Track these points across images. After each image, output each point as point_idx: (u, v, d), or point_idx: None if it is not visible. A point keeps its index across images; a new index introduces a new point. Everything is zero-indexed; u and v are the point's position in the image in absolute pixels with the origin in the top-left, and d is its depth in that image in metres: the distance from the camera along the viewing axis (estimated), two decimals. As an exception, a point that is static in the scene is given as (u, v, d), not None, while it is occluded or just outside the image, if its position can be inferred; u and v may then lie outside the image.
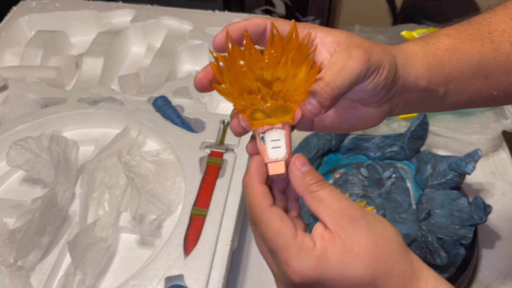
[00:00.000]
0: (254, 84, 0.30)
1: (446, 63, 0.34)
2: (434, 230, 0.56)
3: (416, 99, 0.35)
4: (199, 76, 0.32)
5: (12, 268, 0.50)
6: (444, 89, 0.35)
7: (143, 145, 0.67)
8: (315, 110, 0.30)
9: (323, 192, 0.30)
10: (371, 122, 0.35)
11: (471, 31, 0.36)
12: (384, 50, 0.32)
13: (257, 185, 0.31)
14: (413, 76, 0.34)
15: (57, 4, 0.85)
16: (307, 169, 0.31)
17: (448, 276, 0.55)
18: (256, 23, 0.31)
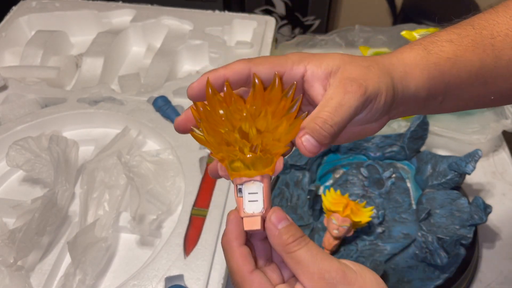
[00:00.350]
0: (232, 136, 0.29)
1: (446, 73, 0.34)
2: (434, 230, 0.56)
3: (414, 108, 0.35)
4: (179, 119, 0.31)
5: (12, 268, 0.50)
6: (442, 97, 0.35)
7: (143, 145, 0.67)
8: (314, 149, 0.28)
9: (301, 252, 0.28)
10: (370, 133, 0.35)
11: (474, 37, 0.35)
12: (379, 75, 0.31)
13: (236, 248, 0.29)
14: (412, 89, 0.33)
15: (57, 4, 0.85)
16: (284, 226, 0.29)
17: (448, 276, 0.55)
18: (238, 70, 0.30)
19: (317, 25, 1.63)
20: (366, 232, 0.58)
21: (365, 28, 0.88)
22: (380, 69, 0.31)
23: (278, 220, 0.29)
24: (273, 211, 0.29)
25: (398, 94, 0.32)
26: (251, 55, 0.77)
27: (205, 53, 0.80)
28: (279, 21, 1.63)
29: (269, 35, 0.81)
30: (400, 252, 0.57)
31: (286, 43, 0.89)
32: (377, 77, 0.30)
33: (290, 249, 0.28)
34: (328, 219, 0.55)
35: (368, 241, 0.58)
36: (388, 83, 0.31)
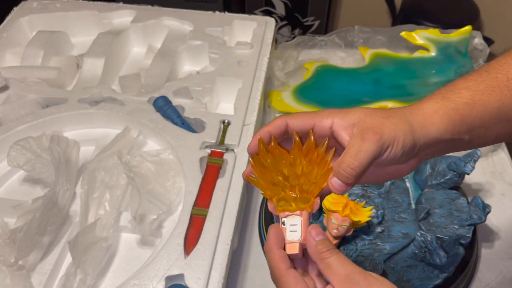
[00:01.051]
0: (276, 178, 0.37)
1: (467, 116, 0.37)
2: (434, 229, 0.56)
3: (442, 149, 0.38)
4: (247, 170, 0.39)
5: (13, 267, 0.50)
6: (468, 136, 0.38)
7: (144, 145, 0.67)
8: (341, 188, 0.35)
9: (332, 259, 0.34)
10: (404, 173, 0.40)
11: (489, 82, 0.38)
12: (397, 123, 0.36)
13: (275, 250, 0.35)
14: (434, 133, 0.37)
15: (58, 5, 0.85)
16: (320, 239, 0.34)
17: (447, 275, 0.55)
18: (278, 125, 0.37)
19: (316, 25, 1.63)
20: (366, 231, 0.58)
21: (364, 28, 0.88)
22: (398, 118, 0.36)
23: (316, 234, 0.35)
24: (313, 227, 0.35)
25: (420, 139, 0.36)
26: (251, 55, 0.77)
27: (205, 53, 0.80)
28: (279, 22, 1.63)
29: (269, 35, 0.81)
30: (399, 251, 0.57)
31: (286, 43, 0.89)
32: (394, 125, 0.35)
33: (324, 256, 0.34)
34: (328, 218, 0.55)
35: (368, 240, 0.58)
36: (406, 130, 0.36)
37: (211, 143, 0.64)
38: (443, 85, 0.40)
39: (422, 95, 0.71)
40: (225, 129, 0.66)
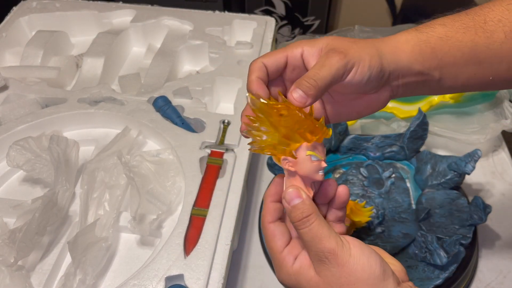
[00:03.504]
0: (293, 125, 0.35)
1: (438, 50, 0.37)
2: (434, 230, 0.56)
3: (413, 82, 0.38)
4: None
5: (12, 268, 0.50)
6: (439, 73, 0.37)
7: (143, 145, 0.67)
8: (301, 100, 0.33)
9: (304, 232, 0.34)
10: (377, 106, 0.39)
11: (466, 21, 0.37)
12: (364, 46, 0.36)
13: (267, 202, 0.36)
14: (404, 61, 0.36)
15: (58, 5, 0.85)
16: (293, 204, 0.34)
17: (447, 276, 0.55)
18: (259, 67, 0.36)
19: (317, 25, 1.63)
20: (366, 231, 0.58)
21: (364, 28, 0.88)
22: (366, 43, 0.36)
23: (290, 199, 0.34)
24: (288, 189, 0.34)
25: (390, 64, 0.36)
26: (251, 55, 0.77)
27: (205, 53, 0.80)
28: (279, 22, 1.63)
29: (269, 35, 0.81)
30: (400, 252, 0.57)
31: (286, 43, 0.89)
32: (360, 48, 0.35)
33: (297, 227, 0.34)
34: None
35: (368, 240, 0.58)
36: (373, 53, 0.36)
37: (211, 143, 0.63)
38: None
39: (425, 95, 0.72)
40: (225, 129, 0.66)
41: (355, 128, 0.74)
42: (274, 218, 0.36)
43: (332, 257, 0.32)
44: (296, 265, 0.35)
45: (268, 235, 0.36)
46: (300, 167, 0.35)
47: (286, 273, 0.35)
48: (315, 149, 0.35)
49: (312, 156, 0.35)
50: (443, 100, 0.71)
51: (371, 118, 0.73)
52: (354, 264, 0.32)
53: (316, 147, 0.35)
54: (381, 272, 0.32)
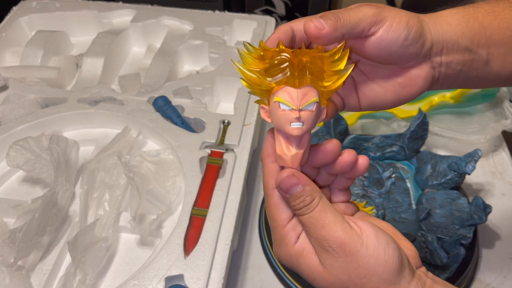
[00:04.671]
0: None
1: (487, 26, 0.33)
2: (434, 230, 0.56)
3: (459, 61, 0.33)
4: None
5: (12, 268, 0.50)
6: (486, 53, 0.33)
7: (143, 145, 0.67)
8: (319, 24, 0.29)
9: (304, 218, 0.30)
10: (417, 86, 0.34)
11: (510, 2, 0.34)
12: (402, 10, 0.32)
13: (268, 163, 0.32)
14: (450, 33, 0.32)
15: (57, 4, 0.85)
16: (292, 193, 0.30)
17: (448, 276, 0.55)
18: (284, 30, 0.33)
19: (317, 25, 1.63)
20: (366, 232, 0.58)
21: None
22: (403, 10, 0.32)
23: (287, 187, 0.30)
24: (281, 176, 0.30)
25: (432, 32, 0.32)
26: (251, 55, 0.77)
27: (205, 53, 0.80)
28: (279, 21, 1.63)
29: (269, 35, 0.80)
30: (400, 252, 0.57)
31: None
32: (396, 10, 0.32)
33: (297, 213, 0.30)
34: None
35: (368, 241, 0.58)
36: (411, 15, 0.32)
37: (211, 143, 0.63)
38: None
39: (427, 95, 0.71)
40: (225, 129, 0.66)
41: (355, 128, 0.73)
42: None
43: (337, 246, 0.29)
44: (299, 247, 0.31)
45: (272, 204, 0.32)
46: (271, 117, 0.30)
47: (286, 252, 0.31)
48: (289, 96, 0.29)
49: (280, 103, 0.29)
50: (443, 100, 0.71)
51: (371, 118, 0.73)
52: (366, 255, 0.28)
53: (291, 93, 0.29)
54: (398, 265, 0.29)
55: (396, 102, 0.35)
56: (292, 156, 0.30)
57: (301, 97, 0.29)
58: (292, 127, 0.29)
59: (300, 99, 0.29)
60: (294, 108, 0.29)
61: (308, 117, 0.29)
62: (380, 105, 0.35)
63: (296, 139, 0.30)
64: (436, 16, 0.33)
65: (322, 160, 0.32)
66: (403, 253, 0.30)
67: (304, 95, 0.29)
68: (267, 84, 0.29)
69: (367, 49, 0.32)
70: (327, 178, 0.34)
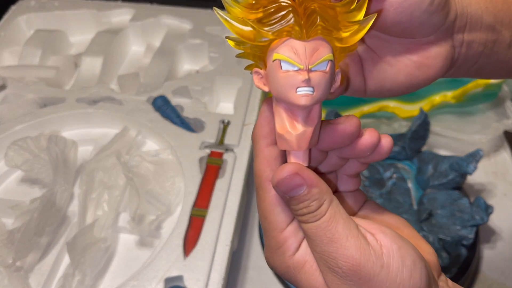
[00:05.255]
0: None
1: (511, 2, 0.29)
2: (436, 230, 0.56)
3: (481, 41, 0.29)
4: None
5: (10, 268, 0.50)
6: (510, 34, 0.29)
7: (143, 145, 0.67)
8: None
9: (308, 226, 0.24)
10: (435, 66, 0.28)
11: None
12: None
13: (262, 147, 0.25)
14: (474, 6, 0.28)
15: (56, 3, 0.85)
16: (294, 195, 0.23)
17: (449, 276, 0.54)
18: None
19: (317, 24, 1.62)
20: (367, 232, 0.58)
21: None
22: None
23: (286, 188, 0.23)
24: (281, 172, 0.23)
25: (456, 2, 0.27)
26: (251, 54, 0.76)
27: (204, 52, 0.80)
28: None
29: (269, 34, 0.80)
30: (401, 252, 0.57)
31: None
32: None
33: (299, 220, 0.24)
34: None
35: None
36: None
37: (210, 143, 0.63)
38: (449, 83, 0.35)
39: (428, 95, 0.71)
40: (224, 129, 0.65)
41: (355, 128, 0.73)
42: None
43: (348, 268, 0.22)
44: (299, 258, 0.24)
45: (266, 200, 0.25)
46: (269, 83, 0.23)
47: (283, 262, 0.25)
48: (293, 51, 0.21)
49: (281, 62, 0.22)
50: (445, 99, 0.70)
51: (372, 118, 0.73)
52: (387, 279, 0.22)
53: (296, 47, 0.21)
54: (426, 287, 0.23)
55: (408, 86, 0.29)
56: (299, 136, 0.23)
57: (311, 52, 0.21)
58: (299, 94, 0.22)
59: (310, 55, 0.21)
60: (302, 67, 0.21)
61: (320, 80, 0.22)
62: (389, 88, 0.29)
63: (303, 112, 0.23)
64: None
65: (336, 142, 0.25)
66: (430, 271, 0.24)
67: (315, 50, 0.22)
68: (264, 34, 0.22)
69: (384, 11, 0.25)
70: (337, 162, 0.27)
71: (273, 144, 0.25)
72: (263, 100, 0.25)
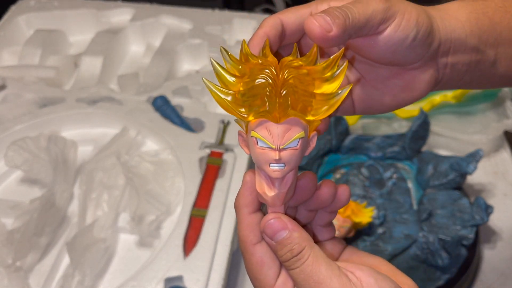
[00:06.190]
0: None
1: (497, 23, 0.30)
2: (436, 230, 0.56)
3: (465, 62, 0.30)
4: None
5: (10, 269, 0.50)
6: (494, 53, 0.31)
7: (142, 145, 0.67)
8: (325, 25, 0.25)
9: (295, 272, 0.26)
10: (419, 89, 0.30)
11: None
12: (411, 4, 0.29)
13: (245, 215, 0.27)
14: (458, 31, 0.29)
15: (56, 3, 0.84)
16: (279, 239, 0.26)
17: (449, 277, 0.54)
18: (272, 24, 0.28)
19: (317, 24, 1.62)
20: (367, 232, 0.58)
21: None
22: (415, 5, 0.29)
23: (273, 232, 0.26)
24: (267, 219, 0.26)
25: (440, 30, 0.29)
26: (251, 54, 0.76)
27: (204, 52, 0.79)
28: (279, 20, 1.62)
29: (269, 34, 0.80)
30: (401, 252, 0.57)
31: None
32: (405, 3, 0.28)
33: (285, 266, 0.26)
34: (329, 219, 0.54)
35: (369, 241, 0.57)
36: (420, 10, 0.28)
37: (210, 143, 0.63)
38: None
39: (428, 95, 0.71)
40: (224, 129, 0.65)
41: (356, 128, 0.73)
42: (259, 237, 0.27)
43: None
44: None
45: (254, 262, 0.27)
46: (249, 150, 0.26)
47: None
48: (267, 132, 0.24)
49: (257, 140, 0.25)
50: (445, 99, 0.70)
51: (372, 117, 0.72)
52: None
53: (270, 129, 0.24)
54: None
55: (394, 106, 0.32)
56: (273, 197, 0.26)
57: (282, 133, 0.25)
58: (272, 168, 0.25)
59: (281, 136, 0.25)
60: (274, 147, 0.25)
61: (290, 157, 0.25)
62: (376, 109, 0.32)
63: (277, 179, 0.26)
64: (444, 11, 0.30)
65: (298, 197, 0.28)
66: None
67: (286, 130, 0.25)
68: (241, 118, 0.25)
69: (369, 49, 0.28)
70: (307, 215, 0.30)
71: (255, 211, 0.28)
72: (245, 172, 0.28)
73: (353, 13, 0.26)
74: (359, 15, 0.26)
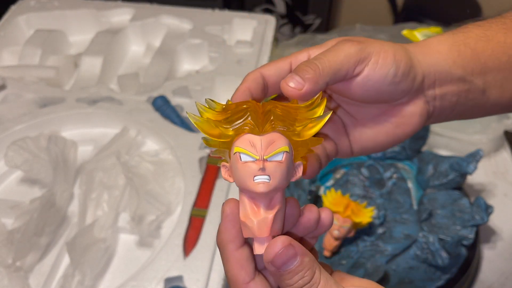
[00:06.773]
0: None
1: (480, 52, 0.31)
2: (436, 230, 0.56)
3: (454, 92, 0.31)
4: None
5: (10, 269, 0.50)
6: (482, 81, 0.31)
7: (142, 145, 0.67)
8: (297, 85, 0.26)
9: None
10: (411, 124, 0.31)
11: (504, 22, 0.32)
12: (385, 42, 0.30)
13: (232, 251, 0.25)
14: (442, 63, 0.30)
15: (56, 3, 0.84)
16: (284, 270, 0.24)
17: (449, 277, 0.54)
18: (254, 79, 0.29)
19: (317, 24, 1.63)
20: (367, 232, 0.58)
21: (366, 27, 0.88)
22: (390, 43, 0.30)
23: (281, 262, 0.24)
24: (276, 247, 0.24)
25: (422, 65, 0.30)
26: (251, 54, 0.76)
27: (204, 52, 0.79)
28: (280, 20, 1.62)
29: (269, 34, 0.80)
30: (401, 253, 0.57)
31: (287, 42, 0.88)
32: (380, 42, 0.29)
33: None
34: (329, 219, 0.54)
35: (369, 241, 0.57)
36: (398, 47, 0.29)
37: (210, 143, 0.63)
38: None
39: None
40: (224, 129, 0.65)
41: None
42: (251, 273, 0.25)
43: None
44: None
45: None
46: (232, 173, 0.25)
47: None
48: (250, 144, 0.24)
49: (240, 154, 0.24)
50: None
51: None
52: None
53: (253, 140, 0.24)
54: None
55: (390, 143, 0.31)
56: (259, 222, 0.24)
57: (266, 145, 0.24)
58: (256, 181, 0.24)
59: (265, 147, 0.24)
60: (257, 158, 0.24)
61: (275, 170, 0.24)
62: (372, 148, 0.32)
63: (265, 200, 0.24)
64: (424, 45, 0.31)
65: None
66: None
67: (270, 142, 0.24)
68: (225, 133, 0.24)
69: (353, 91, 0.29)
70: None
71: (242, 245, 0.26)
72: (223, 204, 0.26)
73: (323, 64, 0.27)
74: (329, 63, 0.27)
